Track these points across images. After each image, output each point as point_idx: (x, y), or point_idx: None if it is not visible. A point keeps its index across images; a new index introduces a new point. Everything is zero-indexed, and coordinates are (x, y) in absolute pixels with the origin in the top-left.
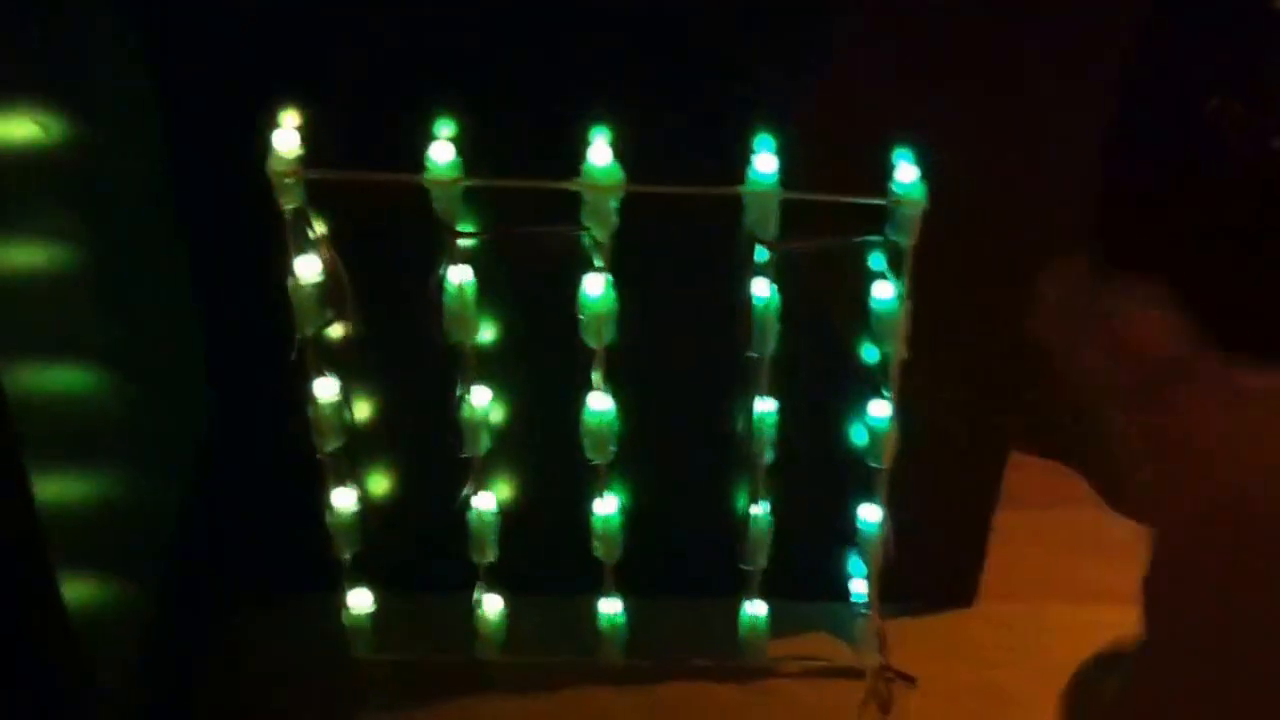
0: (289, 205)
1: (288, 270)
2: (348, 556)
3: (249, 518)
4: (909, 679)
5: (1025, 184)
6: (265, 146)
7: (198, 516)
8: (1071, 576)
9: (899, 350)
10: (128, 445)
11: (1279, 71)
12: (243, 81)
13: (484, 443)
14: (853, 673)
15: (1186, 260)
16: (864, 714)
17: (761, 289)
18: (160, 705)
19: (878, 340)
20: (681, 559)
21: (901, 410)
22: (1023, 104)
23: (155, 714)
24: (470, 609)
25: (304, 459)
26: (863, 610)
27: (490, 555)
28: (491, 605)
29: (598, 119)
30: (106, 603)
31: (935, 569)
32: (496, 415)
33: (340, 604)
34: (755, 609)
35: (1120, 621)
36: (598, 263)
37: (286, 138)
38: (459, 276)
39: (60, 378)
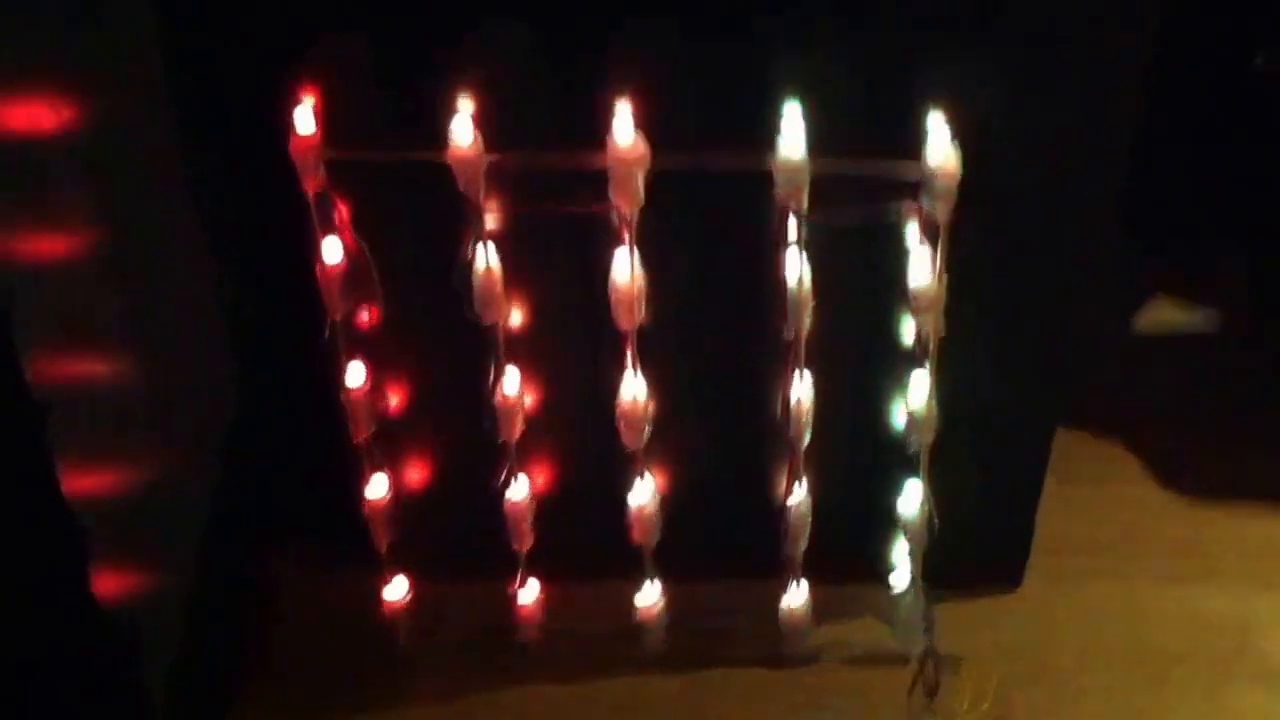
0: (312, 187)
1: (313, 253)
2: (385, 543)
3: (282, 502)
4: (954, 661)
5: (1064, 151)
6: (287, 128)
7: (231, 502)
8: (1122, 557)
9: (937, 326)
10: (159, 432)
11: None
12: (262, 63)
13: (518, 426)
14: (897, 657)
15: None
16: (911, 698)
17: (794, 263)
18: (198, 693)
19: (915, 315)
20: (721, 542)
21: (942, 387)
22: (1061, 69)
23: (194, 702)
24: (509, 594)
25: (338, 443)
26: (907, 593)
27: (528, 540)
28: (530, 590)
29: (622, 91)
30: (141, 591)
31: (980, 550)
32: (530, 398)
33: (379, 590)
34: (797, 592)
35: (1170, 603)
36: (626, 239)
37: (307, 118)
38: (486, 256)
39: (90, 366)
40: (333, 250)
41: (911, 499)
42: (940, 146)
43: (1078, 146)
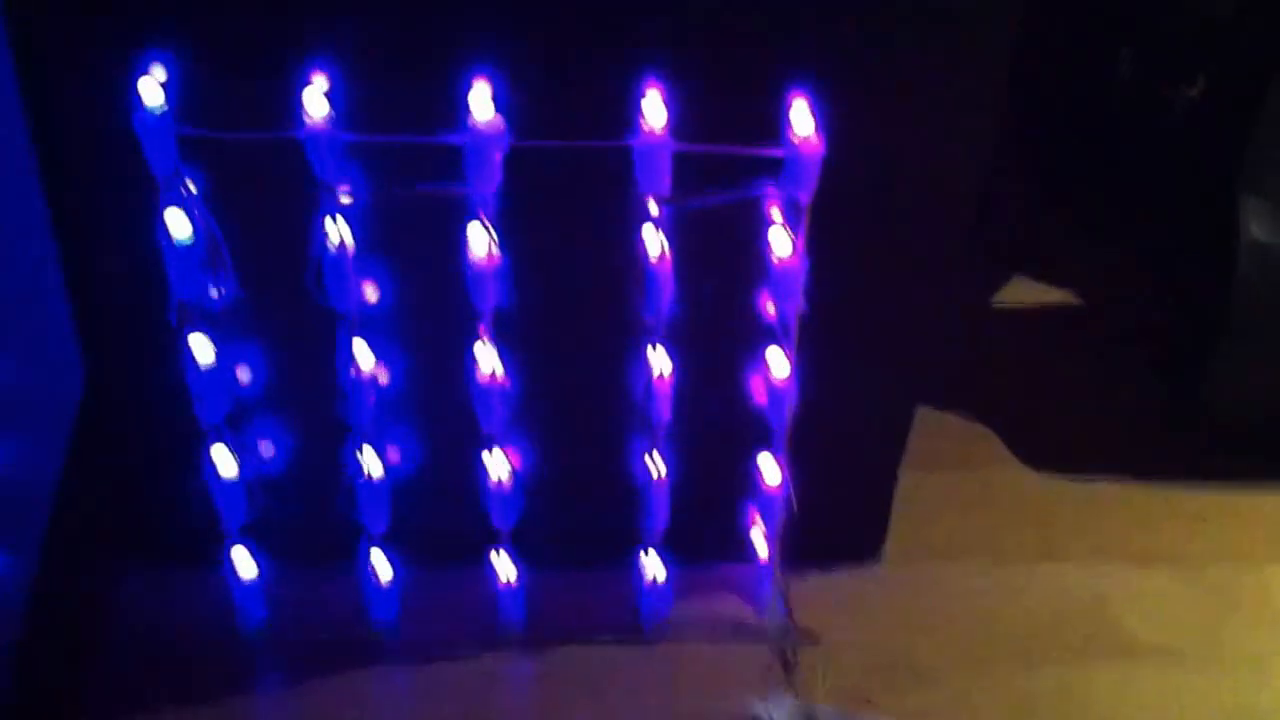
0: (160, 166)
1: (160, 232)
2: (235, 527)
3: (132, 487)
4: (812, 639)
5: (924, 136)
6: (133, 101)
7: (78, 488)
8: (981, 538)
9: (797, 305)
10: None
11: (1183, 24)
12: (108, 31)
13: (371, 407)
14: (756, 634)
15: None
16: (767, 675)
17: (654, 244)
18: (44, 681)
19: (776, 295)
20: (579, 522)
21: (801, 366)
22: (923, 53)
23: (39, 690)
24: (362, 579)
25: (187, 426)
26: (765, 570)
27: (381, 524)
28: (384, 575)
29: (479, 68)
30: None
31: (840, 528)
32: (384, 378)
33: (229, 575)
34: (655, 572)
35: (1025, 584)
36: (482, 219)
37: (155, 92)
38: (338, 235)
39: None
40: (181, 229)
41: (769, 476)
42: (802, 128)
43: (940, 130)
